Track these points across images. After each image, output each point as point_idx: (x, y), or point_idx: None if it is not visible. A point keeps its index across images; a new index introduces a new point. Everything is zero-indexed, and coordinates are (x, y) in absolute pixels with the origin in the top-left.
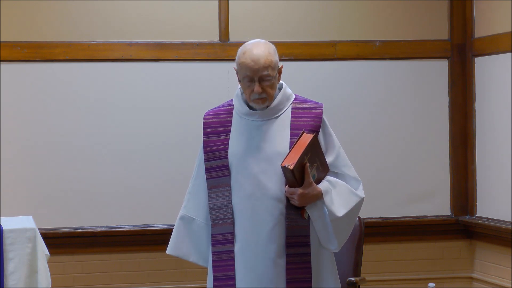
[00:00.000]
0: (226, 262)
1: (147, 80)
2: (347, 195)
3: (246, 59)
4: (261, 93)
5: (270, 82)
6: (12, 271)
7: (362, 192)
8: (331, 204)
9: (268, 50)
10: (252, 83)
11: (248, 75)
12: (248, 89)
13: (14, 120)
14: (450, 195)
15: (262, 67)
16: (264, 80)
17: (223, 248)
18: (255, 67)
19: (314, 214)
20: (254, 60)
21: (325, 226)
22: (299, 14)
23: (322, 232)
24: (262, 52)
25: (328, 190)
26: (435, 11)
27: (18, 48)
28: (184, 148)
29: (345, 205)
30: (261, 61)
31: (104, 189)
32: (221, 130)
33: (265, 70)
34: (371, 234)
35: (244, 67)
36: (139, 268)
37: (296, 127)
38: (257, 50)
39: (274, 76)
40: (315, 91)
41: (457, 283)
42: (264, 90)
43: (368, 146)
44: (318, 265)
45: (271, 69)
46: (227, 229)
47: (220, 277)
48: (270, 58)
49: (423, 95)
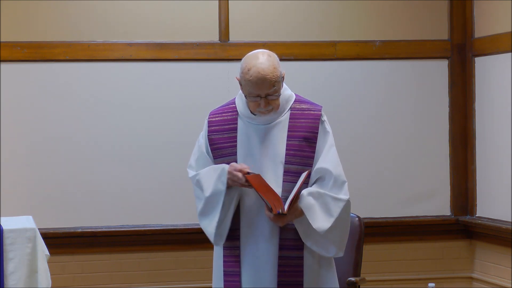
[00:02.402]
0: (233, 258)
1: (147, 80)
2: (330, 205)
3: (252, 78)
4: (267, 107)
5: (276, 96)
6: (12, 271)
7: (347, 193)
8: (313, 219)
9: (273, 64)
10: (258, 98)
11: (253, 93)
12: (254, 104)
13: (14, 120)
14: (450, 195)
15: (269, 85)
16: (271, 96)
17: (232, 244)
18: (262, 86)
19: (301, 229)
20: (261, 79)
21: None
22: (299, 14)
23: (314, 246)
24: (267, 69)
25: (308, 205)
26: (435, 11)
27: (18, 48)
28: (184, 148)
29: (328, 218)
30: (267, 80)
31: (104, 189)
32: (227, 128)
33: (271, 88)
34: (371, 234)
35: (249, 85)
36: (139, 268)
37: (294, 129)
38: (263, 66)
39: (280, 88)
40: (315, 91)
41: (457, 283)
42: (270, 104)
43: (368, 146)
44: (316, 264)
45: (277, 84)
46: (234, 224)
47: (229, 273)
48: (275, 73)
49: (423, 95)
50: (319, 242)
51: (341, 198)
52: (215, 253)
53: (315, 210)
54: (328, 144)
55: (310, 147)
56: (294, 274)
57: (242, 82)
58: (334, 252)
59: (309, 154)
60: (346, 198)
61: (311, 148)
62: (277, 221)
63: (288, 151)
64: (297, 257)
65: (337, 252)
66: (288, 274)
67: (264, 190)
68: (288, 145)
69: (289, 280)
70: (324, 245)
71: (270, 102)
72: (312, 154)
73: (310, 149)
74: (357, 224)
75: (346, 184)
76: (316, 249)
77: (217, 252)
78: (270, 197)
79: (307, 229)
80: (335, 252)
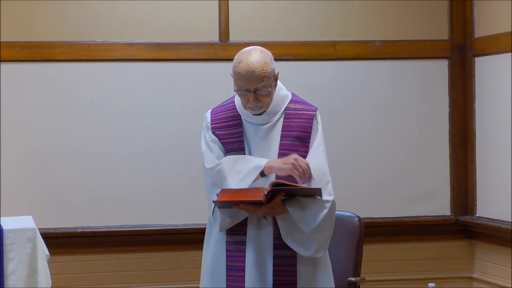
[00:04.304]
0: (238, 253)
1: (147, 80)
2: (314, 209)
3: (241, 70)
4: (257, 103)
5: (265, 92)
6: (12, 271)
7: (331, 193)
8: (299, 220)
9: (264, 59)
10: (248, 93)
11: (242, 86)
12: (244, 98)
13: (14, 120)
14: (450, 195)
15: (257, 79)
16: (260, 90)
17: (237, 239)
18: (250, 80)
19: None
20: (250, 72)
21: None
22: (299, 14)
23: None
24: (257, 63)
25: (294, 205)
26: (435, 11)
27: (18, 48)
28: (184, 148)
29: (313, 220)
30: (256, 73)
31: (104, 189)
32: (232, 124)
33: (260, 82)
34: (371, 234)
35: (239, 78)
36: (139, 268)
37: (288, 129)
38: (253, 60)
39: (270, 84)
40: (315, 91)
41: (457, 283)
42: (260, 100)
43: (368, 146)
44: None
45: (266, 79)
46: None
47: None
48: (265, 68)
49: (423, 95)
50: (301, 241)
51: (326, 199)
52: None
53: (300, 210)
54: (316, 143)
55: (303, 146)
56: (288, 274)
57: (233, 76)
58: (313, 251)
59: (301, 154)
60: (331, 198)
61: (305, 148)
62: (256, 212)
63: (281, 150)
64: (291, 257)
65: (318, 251)
66: (282, 274)
67: (242, 193)
68: (281, 145)
69: (283, 280)
70: (306, 244)
71: (259, 98)
72: (305, 153)
73: (303, 148)
74: (357, 224)
75: (330, 184)
76: (296, 247)
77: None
78: (249, 193)
79: (290, 226)
80: (314, 251)
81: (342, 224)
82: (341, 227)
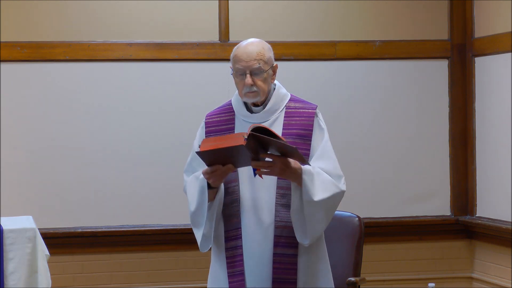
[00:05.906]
0: (237, 258)
1: (147, 80)
2: (328, 183)
3: (239, 52)
4: (252, 86)
5: (261, 76)
6: (12, 271)
7: (344, 186)
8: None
9: (262, 46)
10: (244, 76)
11: (240, 68)
12: (240, 82)
13: (14, 120)
14: (450, 195)
15: (254, 59)
16: (256, 74)
17: (234, 244)
18: (247, 59)
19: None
20: (246, 53)
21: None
22: (299, 14)
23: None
24: (255, 47)
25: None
26: (435, 11)
27: (18, 48)
28: (183, 147)
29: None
30: (253, 54)
31: (104, 189)
32: (224, 128)
33: (256, 63)
34: (371, 234)
35: (236, 60)
36: (139, 268)
37: (289, 127)
38: (251, 45)
39: (267, 71)
40: (315, 91)
41: (457, 283)
42: (255, 83)
43: (368, 146)
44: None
45: (263, 63)
46: (236, 224)
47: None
48: (262, 52)
49: (423, 95)
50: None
51: (339, 186)
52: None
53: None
54: (324, 140)
55: (304, 144)
56: (288, 272)
57: (231, 61)
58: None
59: (303, 151)
60: (343, 188)
61: (306, 145)
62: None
63: None
64: (292, 255)
65: (303, 238)
66: (282, 272)
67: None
68: None
69: (283, 278)
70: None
71: (255, 82)
72: (307, 151)
73: (305, 146)
74: (357, 224)
75: (343, 178)
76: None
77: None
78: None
79: (299, 201)
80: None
81: (342, 224)
82: (341, 227)
